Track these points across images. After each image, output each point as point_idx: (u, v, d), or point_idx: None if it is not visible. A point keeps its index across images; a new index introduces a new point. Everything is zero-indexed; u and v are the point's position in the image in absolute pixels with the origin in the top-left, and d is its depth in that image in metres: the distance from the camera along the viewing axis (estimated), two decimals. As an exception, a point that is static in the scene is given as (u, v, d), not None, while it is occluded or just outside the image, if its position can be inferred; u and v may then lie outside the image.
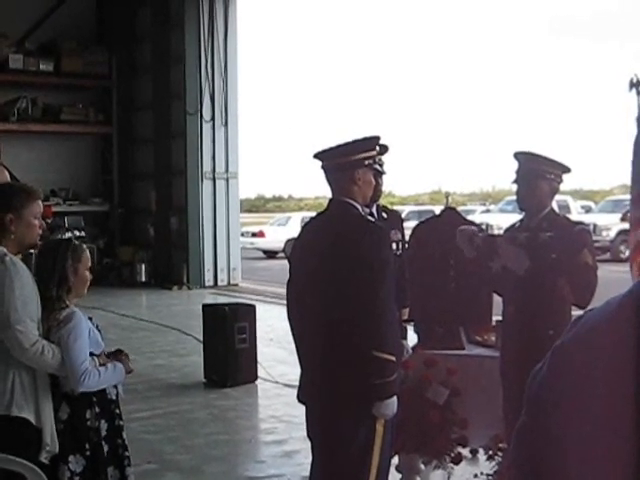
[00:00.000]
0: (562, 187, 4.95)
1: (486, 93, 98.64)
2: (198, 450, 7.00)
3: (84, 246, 4.18)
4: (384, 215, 5.45)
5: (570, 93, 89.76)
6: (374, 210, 5.23)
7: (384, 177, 5.36)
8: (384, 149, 5.05)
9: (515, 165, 4.82)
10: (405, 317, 5.43)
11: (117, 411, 4.11)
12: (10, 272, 3.75)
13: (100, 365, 3.99)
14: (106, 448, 4.00)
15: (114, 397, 4.11)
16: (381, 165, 5.13)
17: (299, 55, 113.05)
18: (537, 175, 4.71)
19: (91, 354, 3.96)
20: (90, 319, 4.11)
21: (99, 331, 4.14)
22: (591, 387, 1.15)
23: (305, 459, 5.10)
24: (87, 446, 3.94)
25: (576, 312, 4.26)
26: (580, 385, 1.17)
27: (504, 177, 5.40)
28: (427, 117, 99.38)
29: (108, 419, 4.04)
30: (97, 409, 3.99)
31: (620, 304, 1.19)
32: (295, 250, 4.34)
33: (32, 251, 4.29)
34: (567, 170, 4.83)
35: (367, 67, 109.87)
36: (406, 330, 5.51)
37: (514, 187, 4.87)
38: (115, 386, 4.13)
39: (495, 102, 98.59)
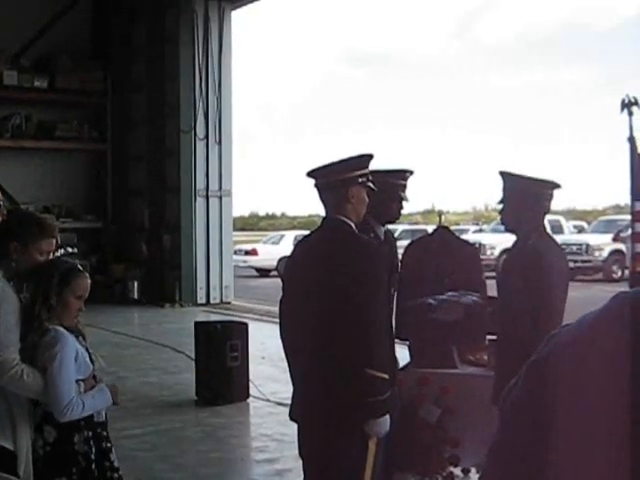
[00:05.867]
0: (554, 207, 4.88)
1: (479, 111, 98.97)
2: (189, 468, 6.98)
3: (83, 273, 4.03)
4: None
5: (563, 112, 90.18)
6: (381, 231, 4.94)
7: (404, 203, 5.05)
8: (409, 174, 5.05)
9: (500, 184, 4.78)
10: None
11: (104, 434, 4.02)
12: None
13: (86, 392, 3.91)
14: (95, 472, 3.92)
15: (102, 420, 4.03)
16: (404, 190, 5.03)
17: (293, 73, 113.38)
18: (524, 194, 4.63)
19: (77, 381, 3.88)
20: (78, 338, 4.00)
21: (89, 353, 4.05)
22: (575, 398, 1.15)
23: (297, 478, 5.08)
24: (74, 470, 3.86)
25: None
26: (563, 397, 1.18)
27: (497, 197, 5.33)
28: (420, 136, 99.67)
29: (95, 442, 3.96)
30: (87, 433, 3.92)
31: (597, 319, 1.20)
32: (288, 267, 4.35)
33: None
34: (556, 186, 4.77)
35: (361, 85, 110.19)
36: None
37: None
38: None
39: (488, 121, 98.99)
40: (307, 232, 4.58)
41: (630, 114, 6.50)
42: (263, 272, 28.38)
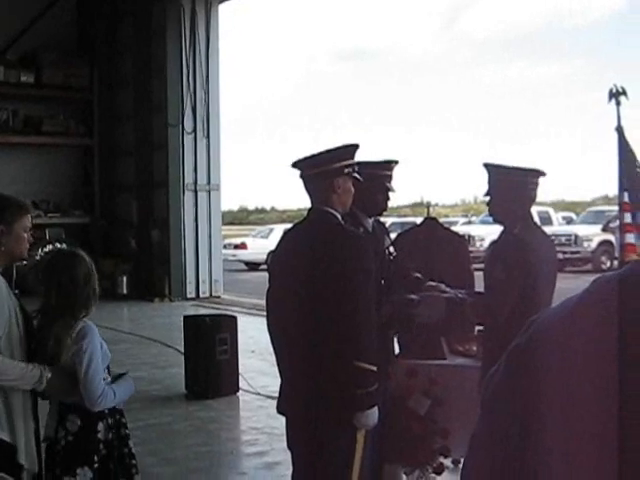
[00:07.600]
0: (543, 198, 4.88)
1: (467, 105, 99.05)
2: (179, 462, 6.97)
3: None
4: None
5: (553, 104, 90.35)
6: (368, 223, 4.93)
7: (391, 194, 5.02)
8: (394, 164, 5.02)
9: (486, 176, 4.77)
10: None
11: (123, 420, 4.08)
12: None
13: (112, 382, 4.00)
14: (116, 459, 3.98)
15: (121, 406, 4.10)
16: (389, 180, 5.01)
17: (280, 67, 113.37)
18: (508, 184, 4.62)
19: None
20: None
21: None
22: (557, 383, 1.14)
23: (287, 470, 5.07)
24: (96, 458, 3.90)
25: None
26: (544, 382, 1.16)
27: (484, 189, 5.33)
28: (409, 128, 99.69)
29: (116, 429, 4.02)
30: (109, 420, 3.97)
31: (578, 303, 1.19)
32: (274, 259, 4.33)
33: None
34: (540, 174, 4.74)
35: (348, 79, 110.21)
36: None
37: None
38: None
39: (477, 114, 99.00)
40: (296, 225, 4.54)
41: (618, 104, 6.49)
42: (252, 266, 28.40)
